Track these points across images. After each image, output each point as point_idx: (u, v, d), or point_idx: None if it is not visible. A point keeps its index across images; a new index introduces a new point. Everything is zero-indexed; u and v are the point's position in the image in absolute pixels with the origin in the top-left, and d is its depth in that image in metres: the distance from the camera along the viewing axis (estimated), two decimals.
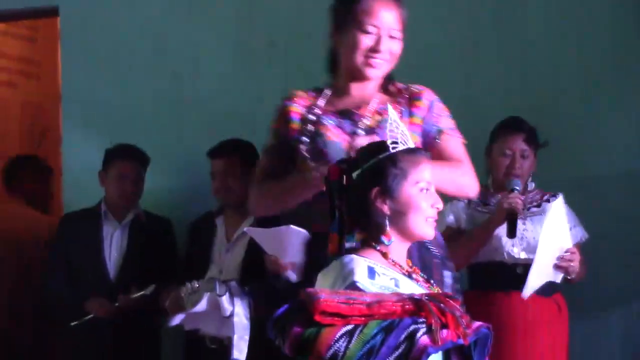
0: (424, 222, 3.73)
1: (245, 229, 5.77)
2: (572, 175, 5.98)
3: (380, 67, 4.44)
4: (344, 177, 3.75)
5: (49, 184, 7.67)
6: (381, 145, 3.74)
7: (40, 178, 7.58)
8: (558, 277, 5.62)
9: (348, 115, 4.43)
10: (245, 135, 6.39)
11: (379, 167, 3.70)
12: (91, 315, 6.50)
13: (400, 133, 3.75)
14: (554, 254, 5.52)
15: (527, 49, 6.51)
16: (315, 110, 4.46)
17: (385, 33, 4.40)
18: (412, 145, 3.78)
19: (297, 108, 4.50)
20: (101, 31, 7.24)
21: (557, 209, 5.47)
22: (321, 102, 4.48)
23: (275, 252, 5.16)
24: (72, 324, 6.54)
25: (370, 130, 4.32)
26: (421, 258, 4.28)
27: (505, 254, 5.63)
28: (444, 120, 4.49)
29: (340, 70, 4.53)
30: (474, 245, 5.66)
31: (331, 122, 4.42)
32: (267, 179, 4.50)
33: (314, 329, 3.31)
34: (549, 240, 5.46)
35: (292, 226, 5.01)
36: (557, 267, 5.55)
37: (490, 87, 6.44)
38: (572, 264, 5.54)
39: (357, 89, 4.50)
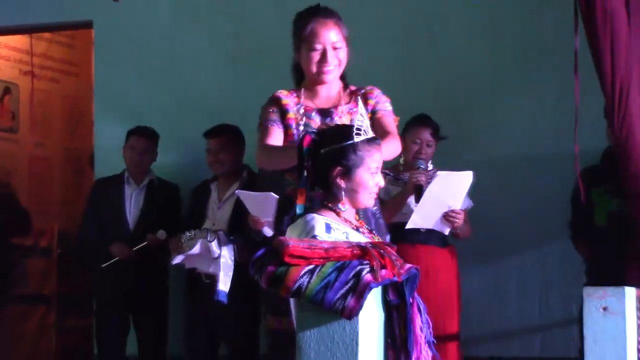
0: (369, 196, 3.75)
1: (236, 191, 5.80)
2: (482, 156, 5.97)
3: (331, 73, 4.45)
4: (314, 145, 3.73)
5: None
6: (348, 131, 3.72)
7: None
8: (446, 230, 5.73)
9: (328, 113, 4.45)
10: (234, 122, 6.40)
11: (342, 151, 3.68)
12: (117, 258, 6.52)
13: (365, 125, 3.74)
14: (441, 208, 5.62)
15: (446, 44, 6.53)
16: (303, 107, 4.47)
17: (329, 47, 4.41)
18: (370, 135, 3.76)
19: (290, 102, 4.48)
20: (126, 39, 7.19)
21: (461, 179, 5.55)
22: (304, 100, 4.48)
23: (257, 213, 5.17)
24: (103, 265, 6.56)
25: None
26: (376, 224, 4.36)
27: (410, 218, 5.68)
28: (383, 105, 4.52)
29: (307, 77, 4.53)
30: (392, 210, 5.72)
31: (316, 116, 4.44)
32: (269, 145, 4.44)
33: (284, 268, 3.29)
34: (438, 192, 5.53)
35: (272, 193, 5.03)
36: (444, 219, 5.65)
37: (419, 82, 6.45)
38: (456, 220, 5.64)
39: (323, 90, 4.50)
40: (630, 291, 4.84)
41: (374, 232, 3.89)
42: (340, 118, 4.43)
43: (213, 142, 6.38)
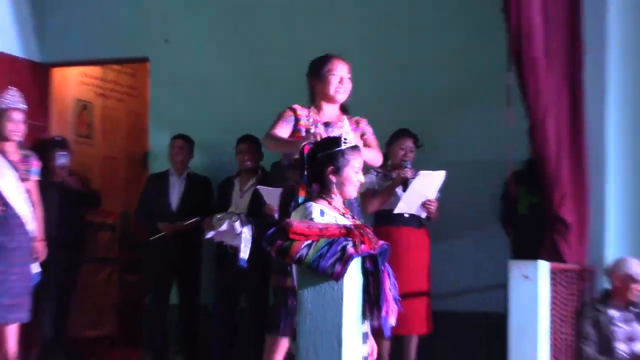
0: (353, 188, 3.71)
1: (257, 187, 5.80)
2: (440, 161, 5.93)
3: (343, 94, 4.61)
4: (312, 152, 3.71)
5: None
6: (338, 140, 3.70)
7: None
8: (423, 214, 5.72)
9: (329, 125, 4.57)
10: (252, 132, 6.34)
11: (334, 155, 3.66)
12: (162, 233, 6.51)
13: (350, 137, 3.72)
14: (421, 197, 5.63)
15: (416, 77, 6.50)
16: (312, 119, 4.55)
17: (344, 76, 4.58)
18: (354, 144, 3.74)
19: (302, 114, 4.57)
20: (173, 70, 7.16)
21: (437, 177, 5.59)
22: (312, 114, 4.58)
23: (271, 202, 5.17)
24: (151, 238, 6.56)
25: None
26: (357, 210, 4.49)
27: (397, 204, 5.64)
28: (369, 131, 4.76)
29: (317, 98, 4.62)
30: (383, 199, 5.71)
31: (321, 127, 4.50)
32: (277, 135, 4.54)
33: (289, 242, 3.27)
34: (421, 186, 5.58)
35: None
36: (423, 206, 5.67)
37: (394, 104, 6.45)
38: (431, 207, 5.65)
39: (328, 110, 4.62)
40: (544, 264, 4.88)
41: (355, 217, 3.85)
42: (338, 130, 4.48)
43: (243, 146, 6.38)
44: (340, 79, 4.56)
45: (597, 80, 5.74)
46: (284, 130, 4.56)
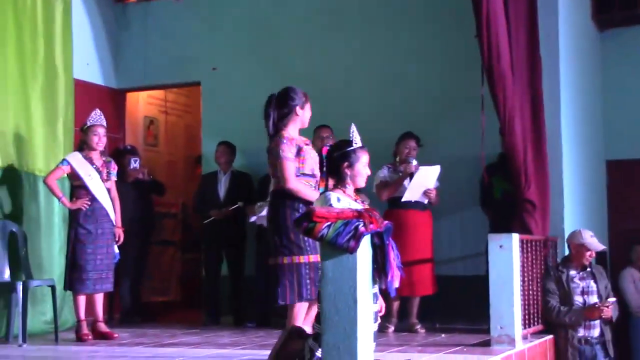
0: (362, 179, 3.68)
1: None
2: (432, 157, 5.89)
3: None
4: (330, 152, 3.67)
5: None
6: (349, 142, 3.66)
7: None
8: (425, 200, 5.68)
9: (308, 144, 4.28)
10: None
11: (348, 153, 3.63)
12: (213, 218, 6.49)
13: (358, 139, 3.67)
14: (422, 187, 5.59)
15: (413, 92, 6.47)
16: (303, 144, 4.22)
17: None
18: (361, 144, 3.69)
19: (299, 142, 4.24)
20: (219, 92, 7.13)
21: (434, 170, 5.58)
22: (298, 140, 4.25)
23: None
24: (204, 222, 6.55)
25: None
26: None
27: (404, 193, 5.61)
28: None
29: (295, 125, 4.29)
30: (394, 189, 5.69)
31: (307, 147, 4.23)
32: (301, 184, 4.16)
33: (313, 223, 3.26)
34: (421, 179, 5.55)
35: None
36: (424, 194, 5.62)
37: (390, 113, 6.43)
38: (431, 195, 5.62)
39: (297, 134, 4.32)
40: (515, 236, 4.88)
41: (364, 202, 3.82)
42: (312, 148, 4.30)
43: None
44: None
45: (552, 86, 5.72)
46: (294, 171, 4.17)
